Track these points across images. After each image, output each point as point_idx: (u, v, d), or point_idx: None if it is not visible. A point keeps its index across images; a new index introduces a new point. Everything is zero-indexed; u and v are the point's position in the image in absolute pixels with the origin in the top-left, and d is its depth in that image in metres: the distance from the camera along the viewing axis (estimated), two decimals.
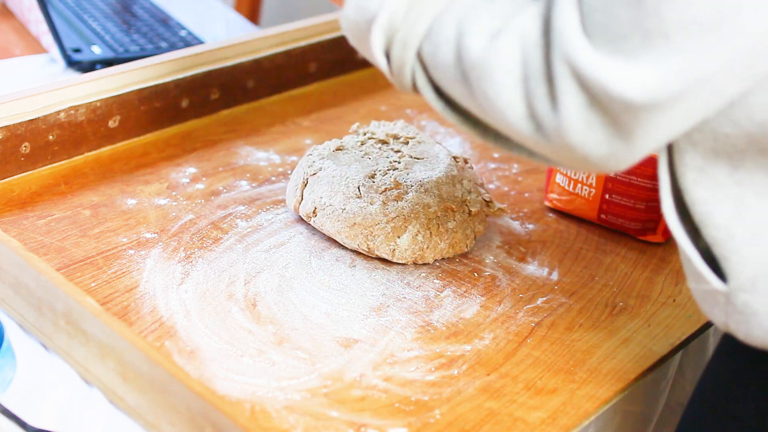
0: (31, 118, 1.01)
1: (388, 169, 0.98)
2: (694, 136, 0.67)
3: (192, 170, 1.07)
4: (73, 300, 0.78)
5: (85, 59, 1.30)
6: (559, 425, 0.77)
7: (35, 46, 1.35)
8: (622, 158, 0.65)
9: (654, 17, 0.58)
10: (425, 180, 0.96)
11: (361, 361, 0.81)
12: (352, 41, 0.76)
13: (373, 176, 0.97)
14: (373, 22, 0.71)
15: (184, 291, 0.87)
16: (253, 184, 1.05)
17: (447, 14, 0.69)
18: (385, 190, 0.95)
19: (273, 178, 1.07)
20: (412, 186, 0.95)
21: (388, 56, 0.73)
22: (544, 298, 0.92)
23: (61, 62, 1.29)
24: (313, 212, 0.96)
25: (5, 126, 0.99)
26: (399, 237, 0.93)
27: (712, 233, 0.69)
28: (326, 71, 1.30)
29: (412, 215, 0.93)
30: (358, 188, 0.95)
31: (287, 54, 1.25)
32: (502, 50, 0.65)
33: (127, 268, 0.89)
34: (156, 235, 0.95)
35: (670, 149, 0.69)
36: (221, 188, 1.04)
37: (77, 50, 1.32)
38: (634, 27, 0.59)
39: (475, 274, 0.95)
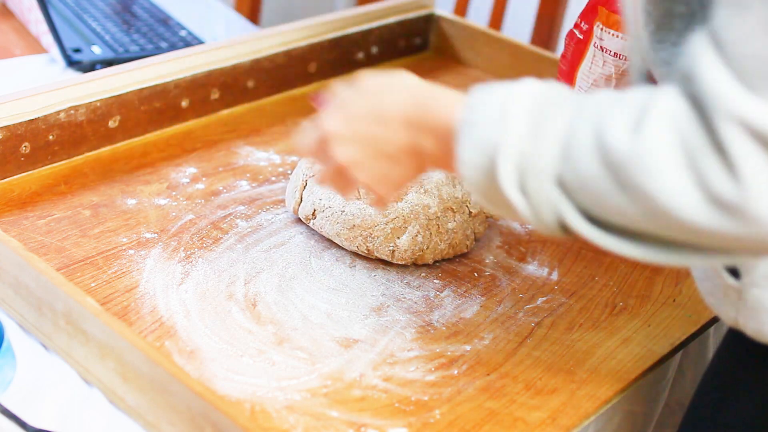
0: (31, 118, 1.01)
1: None
2: None
3: (192, 170, 1.07)
4: (73, 300, 0.78)
5: (85, 59, 1.30)
6: (559, 425, 0.77)
7: (35, 46, 1.35)
8: None
9: None
10: (425, 181, 0.96)
11: (361, 361, 0.81)
12: (477, 194, 0.67)
13: None
14: (498, 157, 0.63)
15: (184, 291, 0.87)
16: (253, 184, 1.05)
17: (577, 124, 0.62)
18: None
19: (273, 178, 1.07)
20: (411, 187, 0.95)
21: (524, 195, 0.64)
22: (544, 298, 0.92)
23: (61, 62, 1.29)
24: (312, 214, 0.96)
25: (5, 126, 0.99)
26: (398, 238, 0.93)
27: None
28: (326, 71, 1.30)
29: (412, 216, 0.93)
30: (358, 190, 0.94)
31: (287, 54, 1.25)
32: (653, 138, 0.58)
33: (127, 268, 0.89)
34: (156, 235, 0.95)
35: None
36: (221, 188, 1.04)
37: (77, 50, 1.32)
38: None
39: (475, 274, 0.95)
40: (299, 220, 0.99)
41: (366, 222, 0.93)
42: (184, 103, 1.15)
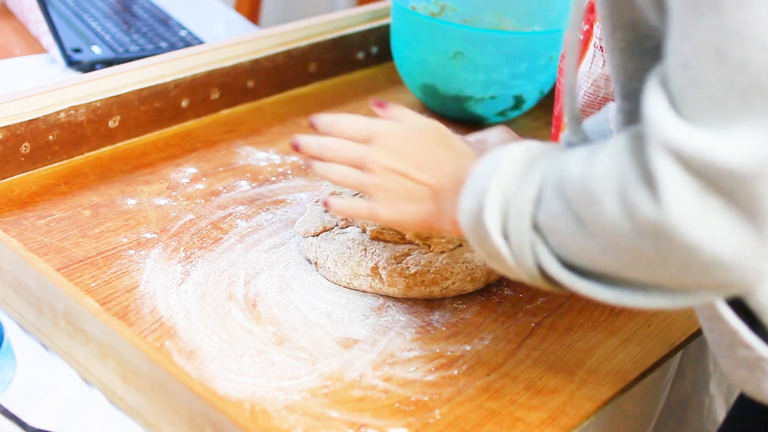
0: (31, 118, 1.01)
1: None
2: None
3: (192, 170, 1.07)
4: (73, 300, 0.78)
5: (85, 59, 1.30)
6: (559, 425, 0.77)
7: (35, 46, 1.35)
8: (758, 248, 0.56)
9: (743, 72, 0.54)
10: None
11: (361, 362, 0.81)
12: (473, 243, 0.70)
13: (398, 259, 0.90)
14: (485, 201, 0.67)
15: (184, 291, 0.87)
16: (253, 184, 1.05)
17: (551, 167, 0.65)
18: (415, 274, 0.89)
19: (273, 178, 1.07)
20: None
21: (507, 239, 0.67)
22: (544, 298, 0.92)
23: (61, 62, 1.29)
24: (316, 263, 0.93)
25: (5, 126, 0.99)
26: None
27: (761, 300, 0.64)
28: (326, 71, 1.30)
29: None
30: (377, 267, 0.90)
31: (287, 54, 1.25)
32: (597, 169, 0.60)
33: (127, 268, 0.89)
34: (156, 235, 0.95)
35: None
36: (221, 188, 1.04)
37: (77, 50, 1.32)
38: (727, 89, 0.55)
39: None
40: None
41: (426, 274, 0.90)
42: (184, 103, 1.15)
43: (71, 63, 1.29)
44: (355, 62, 1.34)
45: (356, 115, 0.82)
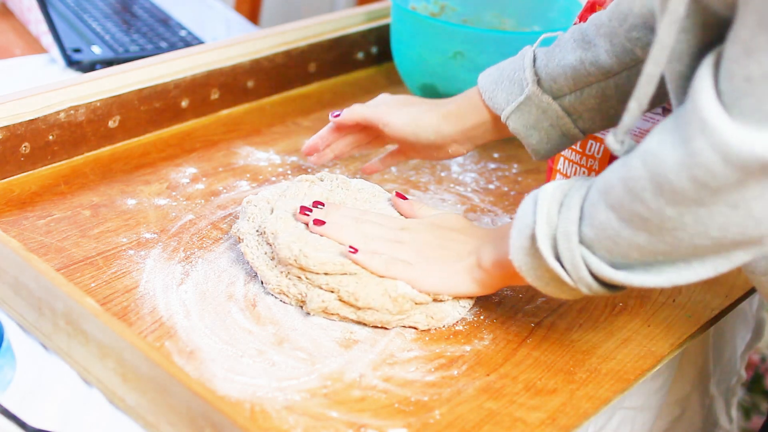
0: (31, 118, 1.01)
1: None
2: None
3: (192, 170, 1.07)
4: (73, 300, 0.78)
5: (85, 59, 1.30)
6: (559, 425, 0.77)
7: (35, 46, 1.35)
8: None
9: None
10: None
11: (361, 362, 0.82)
12: (531, 277, 0.78)
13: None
14: (535, 235, 0.75)
15: (184, 291, 0.87)
16: (253, 184, 1.05)
17: (590, 187, 0.74)
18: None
19: (273, 179, 1.07)
20: None
21: (560, 261, 0.75)
22: (544, 298, 0.92)
23: (61, 62, 1.30)
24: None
25: (5, 126, 0.99)
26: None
27: None
28: (326, 71, 1.31)
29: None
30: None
31: (287, 54, 1.25)
32: (631, 167, 0.69)
33: (127, 269, 0.89)
34: (156, 235, 0.95)
35: None
36: (221, 188, 1.04)
37: (77, 50, 1.32)
38: None
39: None
40: None
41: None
42: (184, 103, 1.15)
43: (71, 63, 1.29)
44: (355, 62, 1.34)
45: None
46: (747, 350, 1.14)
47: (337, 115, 1.00)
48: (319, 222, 0.87)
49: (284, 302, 0.87)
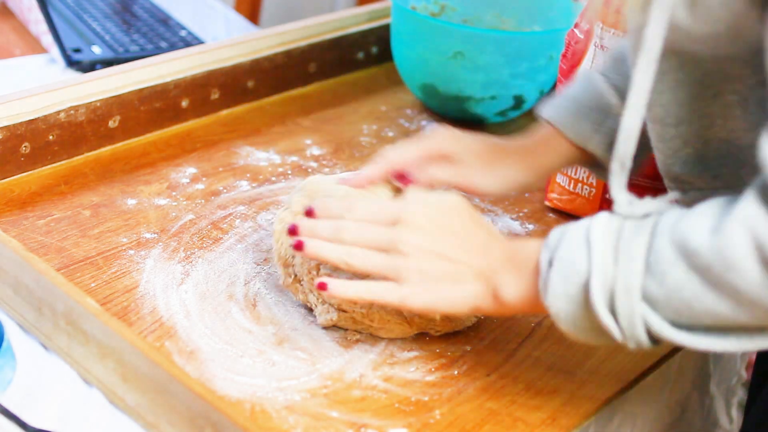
0: (31, 118, 1.01)
1: None
2: None
3: (192, 170, 1.07)
4: (73, 300, 0.78)
5: (85, 59, 1.30)
6: (559, 425, 0.77)
7: (35, 46, 1.35)
8: None
9: None
10: None
11: (361, 362, 0.81)
12: (567, 325, 0.70)
13: None
14: (590, 282, 0.67)
15: (184, 291, 0.87)
16: (253, 184, 1.05)
17: (656, 240, 0.66)
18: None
19: (273, 178, 1.07)
20: None
21: (614, 315, 0.68)
22: None
23: (61, 62, 1.30)
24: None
25: (5, 126, 0.99)
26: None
27: None
28: (326, 71, 1.31)
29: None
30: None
31: (287, 54, 1.25)
32: (731, 235, 0.62)
33: (127, 269, 0.89)
34: (156, 235, 0.95)
35: None
36: (221, 188, 1.04)
37: (77, 50, 1.32)
38: None
39: None
40: None
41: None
42: (184, 103, 1.15)
43: (71, 63, 1.29)
44: (355, 62, 1.34)
45: (372, 198, 0.81)
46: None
47: (406, 180, 0.84)
48: (298, 246, 0.76)
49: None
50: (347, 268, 0.75)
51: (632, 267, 0.66)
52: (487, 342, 0.86)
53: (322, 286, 0.74)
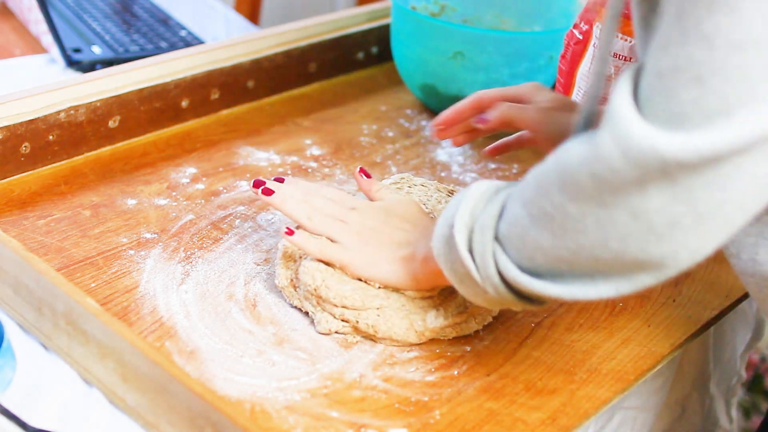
0: (31, 118, 1.01)
1: None
2: None
3: (192, 170, 1.07)
4: (73, 300, 0.78)
5: (85, 59, 1.30)
6: (559, 425, 0.77)
7: (35, 46, 1.35)
8: (688, 226, 0.62)
9: (717, 97, 0.58)
10: None
11: (361, 362, 0.82)
12: (444, 267, 0.75)
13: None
14: (454, 223, 0.73)
15: (184, 291, 0.87)
16: None
17: (514, 185, 0.72)
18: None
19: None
20: None
21: (471, 254, 0.72)
22: None
23: (61, 62, 1.30)
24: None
25: (5, 126, 0.99)
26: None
27: None
28: (326, 71, 1.31)
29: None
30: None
31: (287, 54, 1.25)
32: (546, 164, 0.68)
33: (127, 269, 0.89)
34: (156, 235, 0.95)
35: None
36: (221, 188, 1.04)
37: (77, 50, 1.32)
38: (695, 107, 0.58)
39: None
40: None
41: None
42: (184, 103, 1.15)
43: (71, 63, 1.29)
44: (355, 62, 1.34)
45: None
46: (747, 350, 1.14)
47: (485, 120, 0.95)
48: (268, 191, 0.86)
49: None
50: (308, 224, 0.85)
51: (491, 209, 0.72)
52: (487, 342, 0.86)
53: (289, 233, 0.84)
